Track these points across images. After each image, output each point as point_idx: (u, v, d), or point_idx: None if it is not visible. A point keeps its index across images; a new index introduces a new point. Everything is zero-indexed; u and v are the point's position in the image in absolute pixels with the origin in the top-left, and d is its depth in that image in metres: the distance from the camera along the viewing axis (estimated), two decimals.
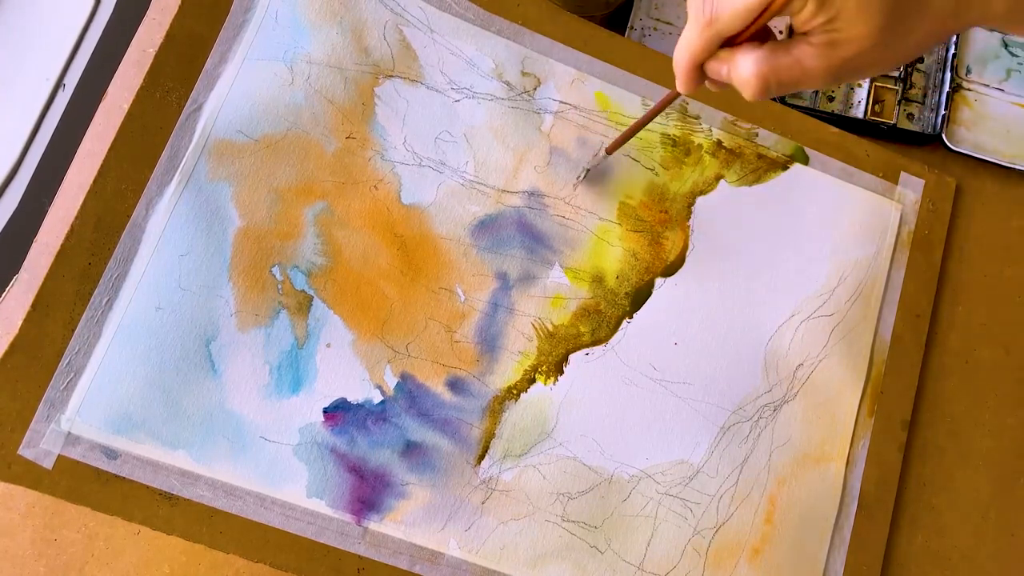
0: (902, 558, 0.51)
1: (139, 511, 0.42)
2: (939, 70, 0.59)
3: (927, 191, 0.56)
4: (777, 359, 0.51)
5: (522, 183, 0.49)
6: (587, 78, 0.51)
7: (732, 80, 0.34)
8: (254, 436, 0.43)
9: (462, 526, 0.45)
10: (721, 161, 0.52)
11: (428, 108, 0.49)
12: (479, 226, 0.48)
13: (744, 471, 0.49)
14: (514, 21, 0.51)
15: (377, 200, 0.47)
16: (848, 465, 0.51)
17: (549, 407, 0.47)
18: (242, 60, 0.46)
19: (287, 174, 0.46)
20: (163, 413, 0.42)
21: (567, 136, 0.50)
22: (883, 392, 0.52)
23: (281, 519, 0.43)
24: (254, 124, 0.46)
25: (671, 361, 0.49)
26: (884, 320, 0.53)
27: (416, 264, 0.47)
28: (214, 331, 0.44)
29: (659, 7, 0.58)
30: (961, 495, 0.53)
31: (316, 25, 0.48)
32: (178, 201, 0.44)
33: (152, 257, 0.43)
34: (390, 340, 0.46)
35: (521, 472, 0.46)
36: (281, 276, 0.45)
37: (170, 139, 0.45)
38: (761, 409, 0.50)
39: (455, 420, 0.46)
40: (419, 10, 0.49)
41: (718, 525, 0.48)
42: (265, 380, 0.44)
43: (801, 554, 0.49)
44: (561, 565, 0.46)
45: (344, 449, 0.44)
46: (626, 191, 0.51)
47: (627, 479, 0.48)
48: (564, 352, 0.48)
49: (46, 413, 0.41)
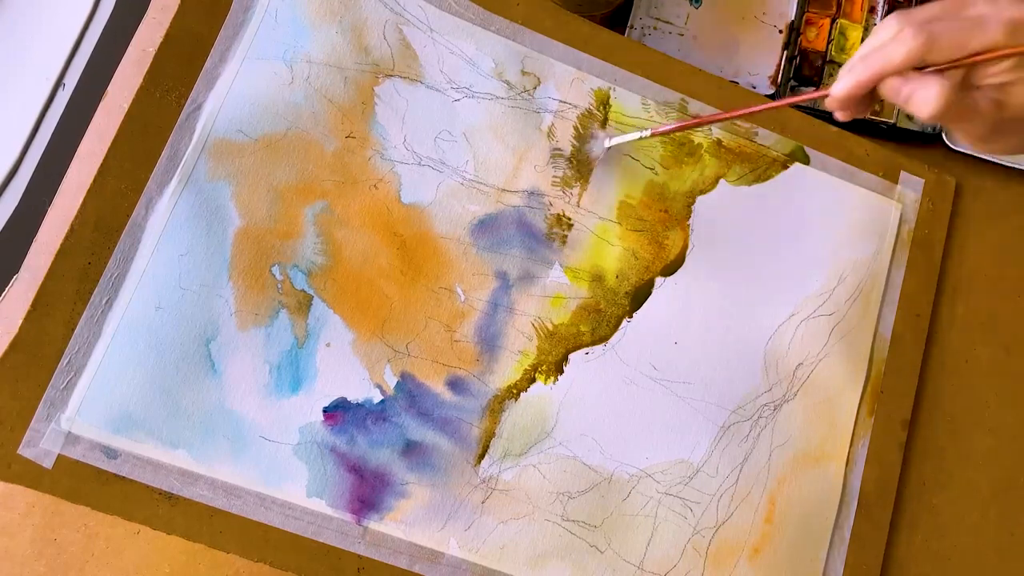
0: (902, 558, 0.51)
1: (139, 511, 0.42)
2: None
3: (927, 190, 0.56)
4: (777, 358, 0.51)
5: (522, 182, 0.49)
6: (587, 77, 0.51)
7: (911, 100, 0.37)
8: (254, 435, 0.43)
9: (462, 525, 0.45)
10: (721, 160, 0.52)
11: (428, 107, 0.49)
12: (479, 225, 0.48)
13: (744, 470, 0.49)
14: (514, 20, 0.51)
15: (377, 199, 0.47)
16: (848, 465, 0.51)
17: (549, 406, 0.47)
18: (242, 60, 0.46)
19: (287, 173, 0.46)
20: (163, 412, 0.42)
21: (567, 135, 0.50)
22: (883, 392, 0.52)
23: (281, 519, 0.43)
24: (254, 123, 0.46)
25: (671, 360, 0.49)
26: (884, 319, 0.53)
27: (416, 263, 0.47)
28: (214, 330, 0.44)
29: (659, 6, 0.58)
30: (961, 495, 0.53)
31: (316, 24, 0.48)
32: (178, 201, 0.44)
33: (152, 257, 0.43)
34: (390, 339, 0.46)
35: (521, 471, 0.46)
36: (281, 275, 0.45)
37: (170, 139, 0.45)
38: (761, 408, 0.50)
39: (455, 419, 0.46)
40: (419, 9, 0.49)
41: (718, 524, 0.48)
42: (265, 379, 0.44)
43: (801, 553, 0.49)
44: (561, 564, 0.46)
45: (344, 448, 0.44)
46: (626, 190, 0.51)
47: (627, 478, 0.48)
48: (564, 351, 0.48)
49: (46, 412, 0.41)
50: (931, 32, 0.35)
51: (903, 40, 0.36)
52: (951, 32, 0.35)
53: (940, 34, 0.35)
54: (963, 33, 0.35)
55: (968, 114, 0.37)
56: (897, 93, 0.37)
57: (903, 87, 0.37)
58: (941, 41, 0.35)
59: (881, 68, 0.36)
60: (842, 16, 0.60)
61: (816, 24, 0.59)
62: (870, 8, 0.60)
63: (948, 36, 0.35)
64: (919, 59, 0.36)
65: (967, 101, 0.37)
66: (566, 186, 0.50)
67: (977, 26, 0.35)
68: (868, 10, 0.60)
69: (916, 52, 0.35)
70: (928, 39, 0.35)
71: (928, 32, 0.35)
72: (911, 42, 0.35)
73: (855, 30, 0.60)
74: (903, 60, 0.36)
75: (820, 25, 0.59)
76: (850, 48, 0.59)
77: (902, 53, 0.36)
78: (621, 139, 0.49)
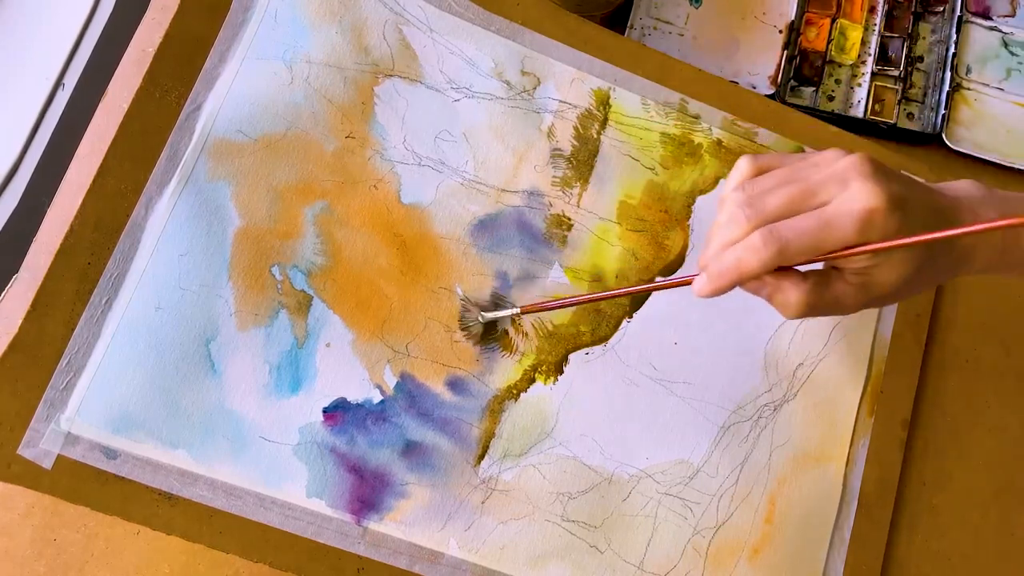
0: (902, 558, 0.51)
1: (139, 511, 0.42)
2: (939, 69, 0.59)
3: None
4: (777, 358, 0.51)
5: (522, 182, 0.49)
6: (587, 77, 0.51)
7: (771, 300, 0.37)
8: (254, 436, 0.43)
9: (462, 526, 0.45)
10: (721, 160, 0.52)
11: (428, 107, 0.49)
12: (479, 225, 0.48)
13: (744, 471, 0.49)
14: (514, 20, 0.51)
15: (377, 200, 0.47)
16: (848, 465, 0.51)
17: (549, 407, 0.47)
18: (241, 60, 0.46)
19: (287, 173, 0.46)
20: (163, 413, 0.42)
21: (567, 136, 0.50)
22: (883, 392, 0.52)
23: (281, 519, 0.43)
24: (253, 123, 0.46)
25: (671, 360, 0.49)
26: (884, 319, 0.53)
27: (416, 264, 0.47)
28: (214, 331, 0.44)
29: (659, 6, 0.58)
30: (961, 495, 0.53)
31: (316, 24, 0.48)
32: (178, 201, 0.44)
33: (152, 257, 0.43)
34: (390, 340, 0.46)
35: (521, 472, 0.46)
36: (281, 276, 0.45)
37: (169, 139, 0.45)
38: (761, 408, 0.50)
39: (455, 420, 0.46)
40: (419, 9, 0.49)
41: (718, 525, 0.48)
42: (265, 380, 0.44)
43: (801, 554, 0.49)
44: (561, 565, 0.46)
45: (344, 449, 0.44)
46: (626, 190, 0.51)
47: (627, 479, 0.48)
48: (564, 352, 0.48)
49: (45, 413, 0.41)
50: (781, 239, 0.34)
51: (753, 249, 0.34)
52: (802, 238, 0.34)
53: (790, 240, 0.34)
54: (814, 237, 0.34)
55: (833, 307, 0.37)
56: (758, 291, 0.37)
57: (762, 288, 0.36)
58: (791, 248, 0.34)
59: (737, 277, 0.35)
60: (842, 16, 0.60)
61: (816, 24, 0.59)
62: (870, 8, 0.60)
63: (799, 241, 0.34)
64: (773, 267, 0.35)
65: (828, 294, 0.36)
66: (566, 186, 0.50)
67: (827, 227, 0.34)
68: (868, 10, 0.60)
69: (769, 262, 0.34)
70: (779, 249, 0.34)
71: (778, 241, 0.34)
72: (763, 252, 0.34)
73: (855, 30, 0.60)
74: (757, 269, 0.35)
75: (820, 25, 0.59)
76: (850, 48, 0.59)
77: (755, 263, 0.34)
78: (494, 315, 0.47)
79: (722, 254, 0.36)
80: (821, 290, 0.36)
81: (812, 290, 0.36)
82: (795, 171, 0.36)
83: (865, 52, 0.59)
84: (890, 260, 0.35)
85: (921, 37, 0.60)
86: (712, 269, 0.36)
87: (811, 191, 0.35)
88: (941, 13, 0.61)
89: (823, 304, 0.36)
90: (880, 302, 0.38)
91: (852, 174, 0.34)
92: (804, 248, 0.34)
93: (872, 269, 0.36)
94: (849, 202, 0.34)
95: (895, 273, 0.36)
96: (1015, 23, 0.61)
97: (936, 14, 0.61)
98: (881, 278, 0.36)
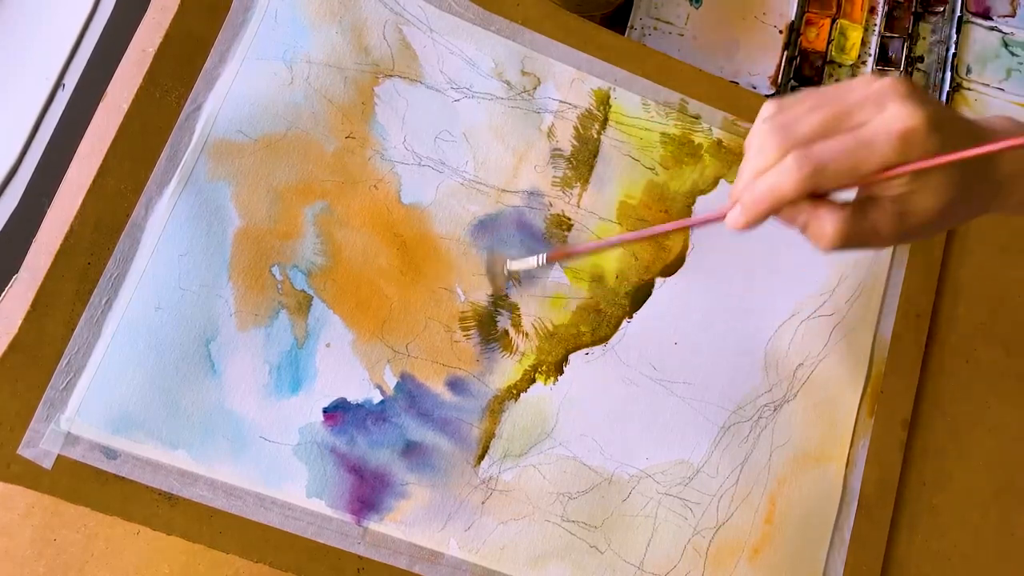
0: (902, 558, 0.51)
1: (139, 511, 0.42)
2: (939, 69, 0.59)
3: None
4: (777, 359, 0.51)
5: (522, 182, 0.49)
6: (587, 77, 0.51)
7: (806, 230, 0.35)
8: (254, 436, 0.43)
9: (462, 526, 0.45)
10: (721, 160, 0.52)
11: (428, 107, 0.49)
12: (479, 226, 0.48)
13: (744, 471, 0.49)
14: (514, 20, 0.51)
15: (377, 200, 0.47)
16: (848, 465, 0.51)
17: (549, 407, 0.47)
18: (242, 60, 0.46)
19: (287, 174, 0.46)
20: (163, 413, 0.42)
21: (567, 136, 0.50)
22: (883, 392, 0.52)
23: (281, 519, 0.43)
24: (253, 124, 0.46)
25: (671, 361, 0.49)
26: (884, 320, 0.53)
27: (416, 264, 0.47)
28: (214, 331, 0.44)
29: (659, 6, 0.58)
30: (961, 495, 0.53)
31: (316, 25, 0.48)
32: (177, 201, 0.44)
33: (152, 257, 0.43)
34: (390, 340, 0.46)
35: (521, 472, 0.46)
36: (281, 276, 0.45)
37: (169, 139, 0.45)
38: (761, 409, 0.50)
39: (455, 420, 0.46)
40: (419, 9, 0.49)
41: (718, 525, 0.48)
42: (265, 380, 0.44)
43: (801, 554, 0.49)
44: (561, 565, 0.46)
45: (344, 449, 0.44)
46: (626, 190, 0.51)
47: (627, 479, 0.48)
48: (564, 352, 0.48)
49: (45, 413, 0.41)
50: (818, 161, 0.33)
51: (788, 172, 0.33)
52: (839, 158, 0.33)
53: (827, 162, 0.33)
54: (852, 158, 0.32)
55: (869, 237, 0.35)
56: (792, 221, 0.35)
57: (797, 216, 0.35)
58: (829, 170, 0.33)
59: (771, 204, 0.34)
60: (842, 16, 0.60)
61: (816, 24, 0.59)
62: (870, 8, 0.60)
63: (836, 163, 0.33)
64: (809, 191, 0.33)
65: (865, 223, 0.35)
66: (566, 186, 0.50)
67: (865, 147, 0.32)
68: (868, 10, 0.60)
69: (804, 185, 0.33)
70: (815, 171, 0.33)
71: (814, 162, 0.33)
72: (797, 174, 0.33)
73: (855, 30, 0.60)
74: (792, 194, 0.33)
75: (820, 25, 0.59)
76: (850, 48, 0.59)
77: (790, 187, 0.33)
78: (520, 264, 0.47)
79: (754, 182, 0.34)
80: (858, 218, 0.35)
81: (849, 218, 0.34)
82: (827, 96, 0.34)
83: (865, 52, 0.59)
84: (928, 185, 0.34)
85: (921, 37, 0.60)
86: (746, 199, 0.35)
87: (846, 112, 0.33)
88: (941, 13, 0.61)
89: (860, 234, 0.35)
90: (915, 234, 0.36)
91: (889, 95, 0.33)
92: (841, 170, 0.33)
93: (910, 196, 0.34)
94: (888, 122, 0.32)
95: (933, 199, 0.34)
96: (1015, 23, 0.61)
97: (936, 14, 0.61)
98: (919, 205, 0.34)
